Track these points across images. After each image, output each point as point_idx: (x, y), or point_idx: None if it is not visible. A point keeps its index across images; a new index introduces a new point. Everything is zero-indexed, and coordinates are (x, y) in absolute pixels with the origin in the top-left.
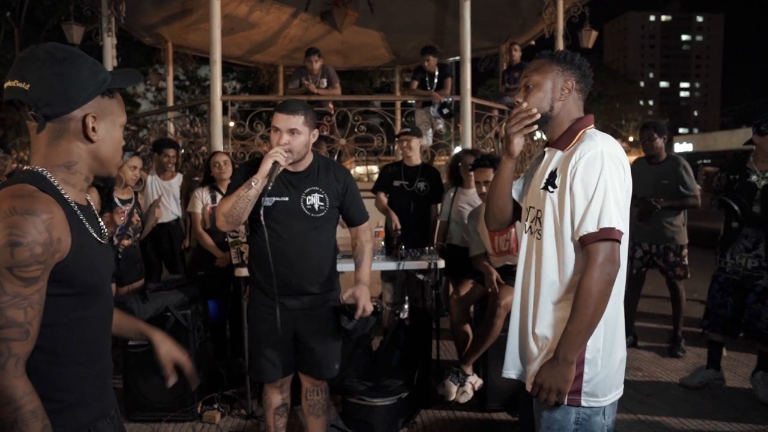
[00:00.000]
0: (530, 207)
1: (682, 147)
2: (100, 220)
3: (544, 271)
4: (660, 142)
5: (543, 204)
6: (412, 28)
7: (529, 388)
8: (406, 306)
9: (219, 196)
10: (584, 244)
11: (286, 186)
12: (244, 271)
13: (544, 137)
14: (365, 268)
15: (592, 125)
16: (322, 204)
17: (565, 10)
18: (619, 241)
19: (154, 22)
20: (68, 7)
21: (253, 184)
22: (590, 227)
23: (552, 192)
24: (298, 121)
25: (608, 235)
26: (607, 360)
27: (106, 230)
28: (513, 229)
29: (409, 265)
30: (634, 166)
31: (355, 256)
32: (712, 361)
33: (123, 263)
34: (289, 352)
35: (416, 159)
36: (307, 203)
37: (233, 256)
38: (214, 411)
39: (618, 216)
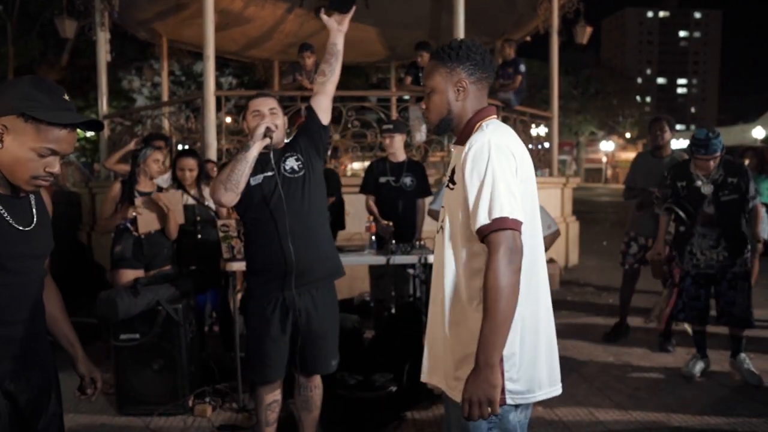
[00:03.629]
0: (442, 206)
1: (679, 143)
2: (34, 208)
3: (446, 270)
4: (669, 135)
5: (446, 202)
6: (407, 24)
7: (448, 392)
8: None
9: (189, 198)
10: (481, 237)
11: (267, 162)
12: (235, 266)
13: (540, 132)
14: None
15: (492, 116)
16: (299, 163)
17: (560, 6)
18: (517, 230)
19: (148, 17)
20: (61, 1)
21: (250, 144)
22: (482, 219)
23: (452, 189)
24: (274, 102)
25: (502, 225)
26: (530, 353)
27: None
28: None
29: (400, 259)
30: (638, 160)
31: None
32: (700, 349)
33: (147, 249)
34: (287, 349)
35: (401, 155)
36: (286, 167)
37: (224, 251)
38: (206, 404)
39: (511, 203)
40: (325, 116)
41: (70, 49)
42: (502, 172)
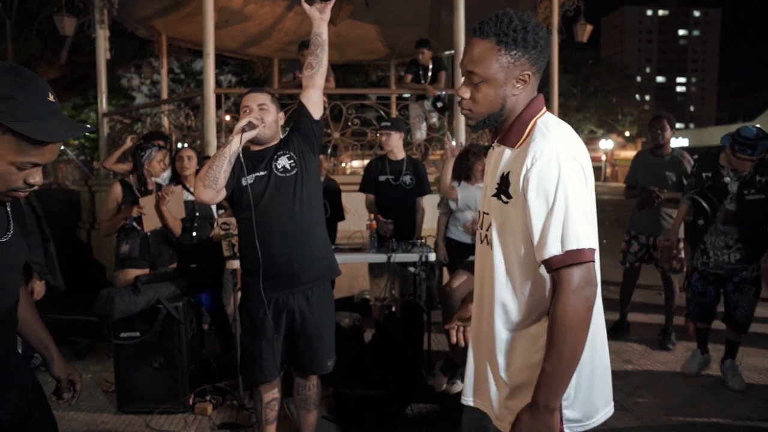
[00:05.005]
0: (483, 212)
1: (678, 142)
2: (10, 217)
3: (497, 290)
4: (670, 134)
5: (495, 213)
6: (408, 22)
7: (495, 420)
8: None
9: (188, 194)
10: (549, 268)
11: (260, 162)
12: (235, 264)
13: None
14: None
15: (543, 108)
16: (291, 162)
17: (560, 4)
18: (593, 261)
19: (147, 15)
20: None
21: (230, 139)
22: (553, 249)
23: (506, 202)
24: (265, 98)
25: (577, 259)
26: (588, 379)
27: (12, 231)
28: None
29: (401, 257)
30: (638, 158)
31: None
32: (702, 345)
33: (153, 247)
34: (283, 349)
35: (399, 153)
36: (278, 166)
37: (225, 249)
38: (206, 403)
39: (586, 232)
40: (316, 110)
41: (69, 47)
42: (575, 195)
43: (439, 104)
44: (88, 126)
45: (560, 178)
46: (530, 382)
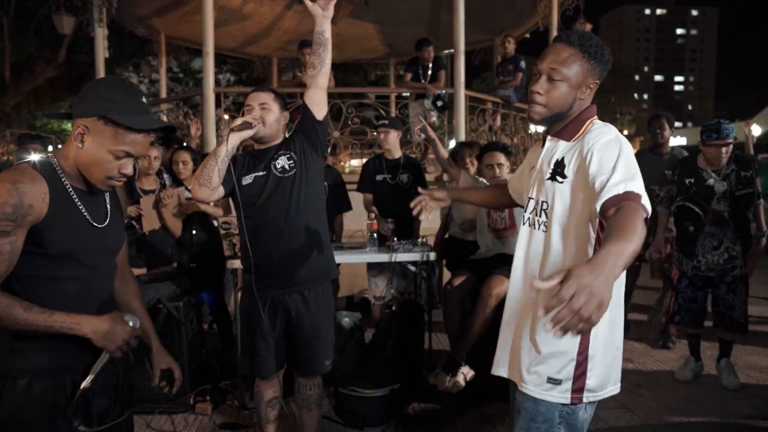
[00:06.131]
0: (530, 198)
1: (675, 140)
2: (108, 205)
3: (550, 267)
4: (669, 133)
5: (549, 195)
6: (407, 21)
7: (520, 385)
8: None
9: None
10: (608, 207)
11: (261, 161)
12: (236, 263)
13: (538, 129)
14: None
15: (596, 115)
16: (291, 162)
17: (559, 3)
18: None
19: (146, 13)
20: None
21: (224, 137)
22: (615, 190)
23: (561, 182)
24: (267, 97)
25: (637, 200)
26: (606, 352)
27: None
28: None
29: (401, 257)
30: (637, 158)
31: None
32: (694, 352)
33: (150, 247)
34: (281, 346)
35: (396, 152)
36: (277, 166)
37: (225, 248)
38: (207, 403)
39: (642, 188)
40: (319, 110)
41: (68, 46)
42: (634, 162)
43: (439, 103)
44: (169, 123)
45: (621, 150)
46: (561, 352)
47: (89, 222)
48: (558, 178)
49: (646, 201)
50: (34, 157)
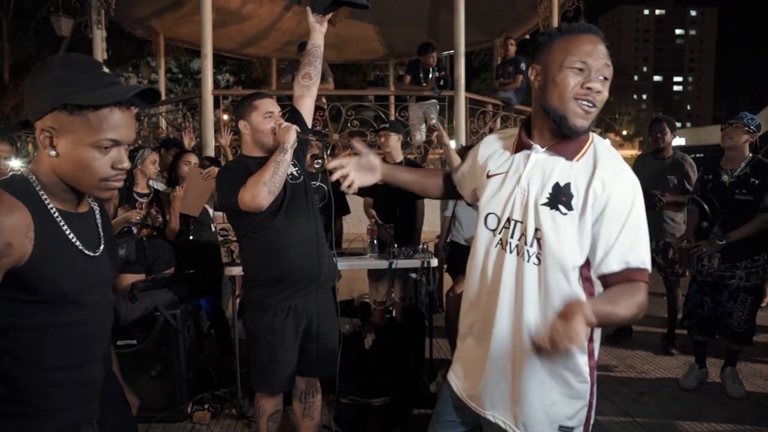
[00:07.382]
0: (514, 220)
1: (676, 141)
2: (100, 227)
3: (550, 308)
4: (670, 137)
5: (545, 224)
6: (407, 22)
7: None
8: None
9: None
10: (609, 281)
11: None
12: (235, 270)
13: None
14: None
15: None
16: (297, 169)
17: (560, 4)
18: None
19: (145, 15)
20: None
21: (287, 147)
22: (616, 265)
23: (565, 214)
24: (276, 105)
25: (642, 278)
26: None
27: (104, 238)
28: None
29: (402, 263)
30: (638, 163)
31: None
32: (700, 359)
33: (149, 252)
34: (297, 356)
35: (397, 155)
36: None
37: (223, 255)
38: (205, 411)
39: (649, 257)
40: (310, 119)
41: (66, 47)
42: (645, 220)
43: (442, 82)
44: (150, 86)
45: (634, 203)
46: (575, 397)
47: (82, 252)
48: (561, 208)
49: (649, 273)
50: (10, 166)
